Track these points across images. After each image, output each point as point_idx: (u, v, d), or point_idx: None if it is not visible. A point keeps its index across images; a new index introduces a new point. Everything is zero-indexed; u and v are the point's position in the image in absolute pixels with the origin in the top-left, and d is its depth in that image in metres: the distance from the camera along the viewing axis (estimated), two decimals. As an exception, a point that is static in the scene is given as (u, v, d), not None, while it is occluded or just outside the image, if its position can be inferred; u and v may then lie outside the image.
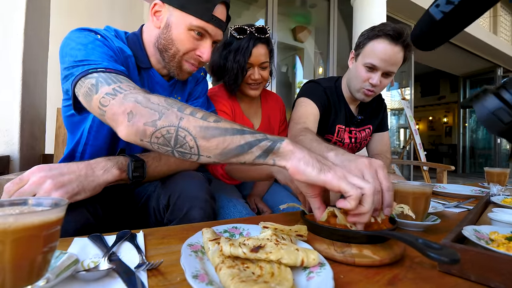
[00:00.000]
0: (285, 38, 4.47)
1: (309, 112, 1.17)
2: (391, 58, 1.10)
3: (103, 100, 0.60)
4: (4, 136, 1.23)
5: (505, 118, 0.31)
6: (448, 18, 0.36)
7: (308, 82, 1.33)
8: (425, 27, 0.39)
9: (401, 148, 6.18)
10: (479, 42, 6.10)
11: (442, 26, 0.37)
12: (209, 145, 0.52)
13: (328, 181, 0.48)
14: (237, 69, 1.09)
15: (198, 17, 0.77)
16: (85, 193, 0.59)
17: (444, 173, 2.38)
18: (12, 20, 1.25)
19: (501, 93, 0.32)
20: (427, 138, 12.07)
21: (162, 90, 0.90)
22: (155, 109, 0.55)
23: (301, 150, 0.51)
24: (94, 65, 0.65)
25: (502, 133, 0.32)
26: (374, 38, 1.12)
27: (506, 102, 0.31)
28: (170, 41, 0.80)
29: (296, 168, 0.49)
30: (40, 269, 0.33)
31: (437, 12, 0.36)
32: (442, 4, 0.36)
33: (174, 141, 0.53)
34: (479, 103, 0.33)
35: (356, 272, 0.43)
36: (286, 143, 0.51)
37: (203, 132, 0.52)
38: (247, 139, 0.51)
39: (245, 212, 0.95)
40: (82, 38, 0.71)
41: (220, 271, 0.36)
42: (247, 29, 1.09)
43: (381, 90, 1.20)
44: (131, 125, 0.56)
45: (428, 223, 0.65)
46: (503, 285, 0.39)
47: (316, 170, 0.48)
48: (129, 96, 0.58)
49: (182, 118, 0.53)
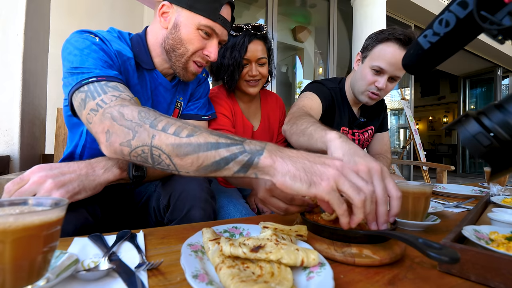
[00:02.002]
0: (285, 38, 4.47)
1: (314, 105, 1.14)
2: (399, 63, 1.07)
3: (88, 117, 0.62)
4: (4, 136, 1.23)
5: (484, 141, 0.34)
6: (434, 47, 0.40)
7: (313, 82, 1.32)
8: (414, 54, 0.43)
9: (401, 148, 6.18)
10: (479, 42, 6.09)
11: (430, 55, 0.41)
12: (184, 163, 0.50)
13: (319, 194, 0.44)
14: (233, 65, 1.09)
15: (206, 16, 0.78)
16: (85, 192, 0.59)
17: (444, 173, 2.38)
18: (12, 21, 1.25)
19: (481, 119, 0.34)
20: (427, 138, 12.07)
21: (165, 91, 0.91)
22: (129, 127, 0.55)
23: (282, 162, 0.46)
24: (86, 74, 0.66)
25: (483, 155, 0.34)
26: (383, 41, 1.11)
27: (485, 127, 0.34)
28: (178, 40, 0.81)
29: (283, 184, 0.46)
30: (40, 269, 0.33)
31: (425, 42, 0.41)
32: (429, 35, 0.40)
33: (151, 159, 0.53)
34: (462, 127, 0.36)
35: (356, 272, 0.43)
36: (265, 157, 0.47)
37: (176, 150, 0.50)
38: (222, 155, 0.48)
39: (245, 212, 0.95)
40: (79, 42, 0.72)
41: (220, 271, 0.36)
42: (243, 27, 1.09)
43: (385, 94, 1.19)
44: (109, 145, 0.57)
45: (428, 223, 0.65)
46: (503, 285, 0.39)
47: (305, 185, 0.45)
48: (107, 111, 0.59)
49: (154, 135, 0.52)
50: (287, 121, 0.97)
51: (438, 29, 0.39)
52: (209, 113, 1.03)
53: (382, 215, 0.48)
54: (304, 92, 1.21)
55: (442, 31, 0.39)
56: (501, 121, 0.33)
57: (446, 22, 0.38)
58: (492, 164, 0.35)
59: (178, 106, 0.96)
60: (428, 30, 0.40)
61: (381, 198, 0.49)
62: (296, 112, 1.02)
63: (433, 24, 0.39)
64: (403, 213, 0.67)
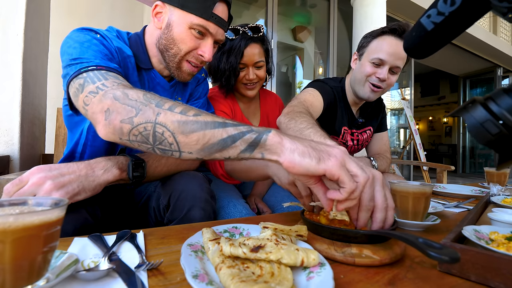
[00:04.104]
0: (285, 38, 4.47)
1: (316, 101, 1.13)
2: (398, 52, 1.09)
3: (86, 99, 0.60)
4: (4, 136, 1.23)
5: (492, 130, 0.32)
6: (438, 28, 0.37)
7: (314, 81, 1.31)
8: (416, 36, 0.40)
9: (401, 148, 6.18)
10: (479, 42, 6.10)
11: (433, 36, 0.38)
12: (189, 141, 0.49)
13: (329, 170, 0.44)
14: (229, 70, 1.09)
15: (199, 15, 0.77)
16: (85, 193, 0.59)
17: (444, 173, 2.38)
18: (12, 21, 1.25)
19: (489, 105, 0.32)
20: (427, 138, 12.07)
21: (163, 91, 0.91)
22: (132, 105, 0.53)
23: (291, 140, 0.47)
24: (86, 63, 0.65)
25: (490, 143, 0.32)
26: (378, 36, 1.13)
27: (493, 113, 0.32)
28: (171, 40, 0.80)
29: (291, 161, 0.45)
30: (40, 269, 0.33)
31: (428, 22, 0.38)
32: (433, 15, 0.37)
33: (152, 138, 0.51)
34: (468, 114, 0.34)
35: (356, 272, 0.43)
36: (273, 134, 0.47)
37: (181, 127, 0.49)
38: (229, 132, 0.48)
39: (245, 212, 0.95)
40: (80, 37, 0.72)
41: (220, 271, 0.36)
42: (240, 29, 1.09)
43: (388, 87, 1.18)
44: (107, 124, 0.54)
45: (428, 223, 0.65)
46: (503, 285, 0.39)
47: (315, 160, 0.44)
48: (108, 93, 0.57)
49: (159, 113, 0.51)
50: (286, 113, 0.94)
51: (443, 8, 0.36)
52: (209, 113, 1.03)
53: (377, 222, 0.49)
54: (307, 88, 1.20)
55: (447, 10, 0.36)
56: (510, 106, 0.31)
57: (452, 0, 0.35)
58: (501, 153, 0.33)
59: None
60: (432, 10, 0.37)
61: (380, 204, 0.49)
62: (296, 106, 1.00)
63: (438, 3, 0.37)
64: (403, 213, 0.67)
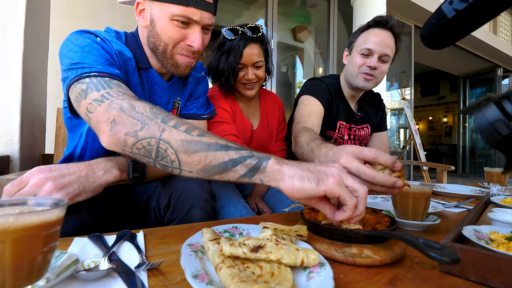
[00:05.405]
0: (285, 38, 4.47)
1: (312, 111, 1.16)
2: (384, 41, 1.15)
3: (90, 107, 0.60)
4: (4, 136, 1.23)
5: (503, 130, 0.30)
6: (460, 16, 0.34)
7: (310, 79, 1.33)
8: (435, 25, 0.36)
9: (401, 148, 6.18)
10: (479, 42, 6.09)
11: (453, 25, 0.35)
12: (191, 160, 0.50)
13: (329, 189, 0.45)
14: (228, 70, 1.09)
15: (177, 3, 0.73)
16: (85, 194, 0.59)
17: (444, 173, 2.38)
18: (12, 21, 1.25)
19: (503, 104, 0.31)
20: (427, 138, 12.07)
21: (161, 91, 0.90)
22: (138, 118, 0.54)
23: (289, 166, 0.48)
24: (88, 69, 0.65)
25: (498, 145, 0.31)
26: (364, 30, 1.20)
27: (506, 113, 0.30)
28: (157, 36, 0.78)
29: (292, 187, 0.46)
30: (40, 269, 0.33)
31: (450, 9, 0.34)
32: (456, 1, 0.34)
33: (155, 153, 0.52)
34: (479, 112, 0.32)
35: (356, 272, 0.43)
36: (273, 162, 0.48)
37: (185, 146, 0.50)
38: (231, 156, 0.49)
39: (245, 212, 0.95)
40: (80, 40, 0.71)
41: (220, 271, 0.36)
42: (239, 29, 1.09)
43: (380, 75, 1.21)
44: (112, 134, 0.55)
45: (428, 223, 0.65)
46: (503, 285, 0.39)
47: (314, 183, 0.45)
48: (115, 103, 0.58)
49: (165, 130, 0.52)
50: (293, 143, 0.99)
51: None
52: (208, 111, 1.03)
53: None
54: (302, 97, 1.22)
55: None
56: None
57: None
58: (510, 156, 0.31)
59: (176, 106, 0.95)
60: None
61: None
62: (294, 128, 1.07)
63: None
64: (403, 213, 0.67)
